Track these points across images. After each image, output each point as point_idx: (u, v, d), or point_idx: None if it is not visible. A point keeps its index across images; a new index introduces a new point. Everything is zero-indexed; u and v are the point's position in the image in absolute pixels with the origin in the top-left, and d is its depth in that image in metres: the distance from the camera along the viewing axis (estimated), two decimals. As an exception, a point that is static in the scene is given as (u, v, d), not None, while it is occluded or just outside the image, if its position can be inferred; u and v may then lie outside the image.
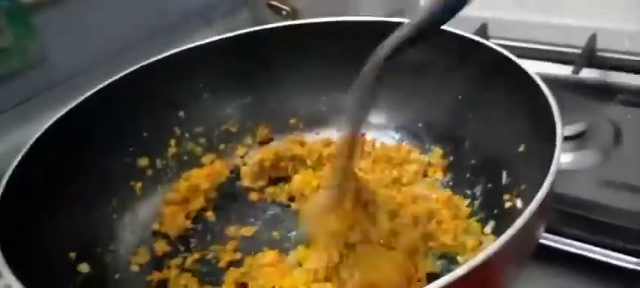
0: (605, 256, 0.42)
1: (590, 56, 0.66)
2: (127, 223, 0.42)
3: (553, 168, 0.30)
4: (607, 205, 0.46)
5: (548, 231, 0.43)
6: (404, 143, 0.46)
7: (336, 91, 0.49)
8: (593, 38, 0.67)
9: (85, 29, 0.62)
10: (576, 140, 0.54)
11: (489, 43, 0.42)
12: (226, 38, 0.48)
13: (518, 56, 0.40)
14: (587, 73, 0.64)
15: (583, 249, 0.42)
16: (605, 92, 0.60)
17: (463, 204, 0.40)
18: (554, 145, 0.31)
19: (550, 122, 0.33)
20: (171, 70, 0.47)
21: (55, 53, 0.60)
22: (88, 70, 0.63)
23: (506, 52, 0.40)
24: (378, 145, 0.46)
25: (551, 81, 0.37)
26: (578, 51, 0.66)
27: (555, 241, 0.43)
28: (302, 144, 0.48)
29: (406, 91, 0.47)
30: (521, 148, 0.38)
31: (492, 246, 0.25)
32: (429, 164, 0.44)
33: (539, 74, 0.37)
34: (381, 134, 0.48)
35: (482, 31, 0.72)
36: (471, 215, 0.39)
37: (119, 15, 0.65)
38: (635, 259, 0.41)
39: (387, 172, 0.43)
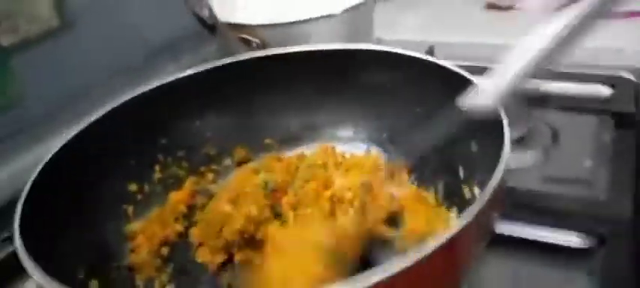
0: (552, 238, 0.48)
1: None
2: (125, 243, 0.45)
3: (505, 151, 0.35)
4: (550, 194, 0.52)
5: (503, 220, 0.49)
6: (371, 152, 0.51)
7: (305, 112, 0.55)
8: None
9: (59, 68, 0.64)
10: (520, 142, 0.61)
11: (440, 61, 0.47)
12: (204, 70, 0.52)
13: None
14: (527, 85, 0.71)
15: (533, 234, 0.48)
16: (541, 100, 0.67)
17: (430, 195, 0.45)
18: (502, 138, 0.36)
19: (498, 123, 0.38)
20: (153, 101, 0.50)
21: (32, 93, 0.63)
22: (63, 109, 0.65)
23: (455, 68, 0.45)
24: (348, 155, 0.51)
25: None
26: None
27: (509, 229, 0.48)
28: (279, 160, 0.52)
29: (370, 107, 0.53)
30: (474, 148, 0.44)
31: (459, 222, 0.30)
32: (394, 169, 0.49)
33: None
34: (351, 146, 0.53)
35: (431, 51, 0.78)
36: (437, 205, 0.45)
37: (91, 53, 0.66)
38: (576, 238, 0.47)
39: (359, 178, 0.48)
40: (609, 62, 0.73)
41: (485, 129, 0.40)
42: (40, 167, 0.40)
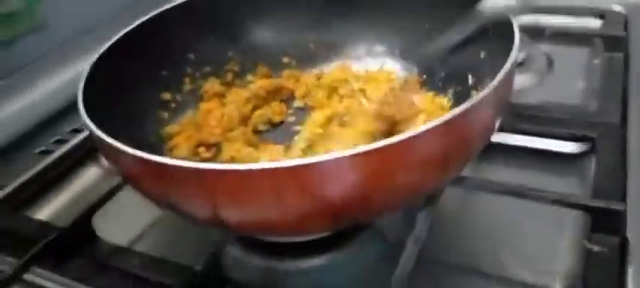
0: (547, 145, 0.53)
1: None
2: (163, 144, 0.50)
3: (515, 46, 0.39)
4: (545, 106, 0.56)
5: (503, 130, 0.54)
6: (385, 67, 0.55)
7: (320, 30, 0.58)
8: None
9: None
10: (519, 67, 0.65)
11: None
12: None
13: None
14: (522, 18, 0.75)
15: (530, 142, 0.53)
16: (537, 32, 0.72)
17: (444, 100, 0.49)
18: (509, 47, 0.39)
19: (509, 29, 0.41)
20: (178, 18, 0.53)
21: (56, 16, 0.66)
22: (87, 32, 0.68)
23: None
24: (362, 71, 0.55)
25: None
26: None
27: (508, 139, 0.53)
28: (297, 79, 0.57)
29: (381, 25, 0.56)
30: (483, 55, 0.47)
31: (472, 99, 0.32)
32: (407, 81, 0.53)
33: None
34: (365, 62, 0.56)
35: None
36: (451, 107, 0.49)
37: None
38: (569, 144, 0.52)
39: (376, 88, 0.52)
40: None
41: (494, 37, 0.44)
42: (85, 73, 0.43)
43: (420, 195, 0.39)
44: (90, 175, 0.56)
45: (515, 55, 0.37)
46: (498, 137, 0.53)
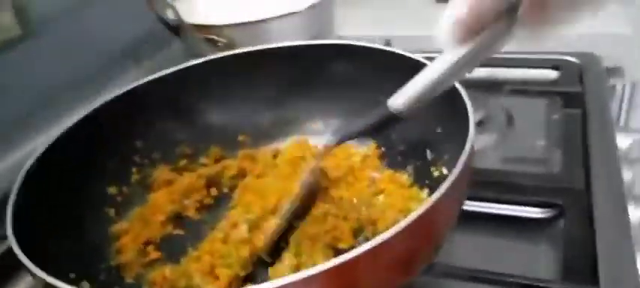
0: (514, 212, 0.52)
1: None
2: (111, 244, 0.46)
3: (471, 132, 0.37)
4: (509, 172, 0.56)
5: (469, 198, 0.52)
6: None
7: (275, 108, 0.57)
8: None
9: (22, 77, 0.63)
10: (478, 126, 0.64)
11: (399, 50, 0.50)
12: (173, 72, 0.53)
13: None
14: (478, 72, 0.75)
15: (496, 208, 0.52)
16: (495, 86, 0.72)
17: (403, 177, 0.48)
18: (467, 119, 0.39)
19: (462, 105, 0.41)
20: (124, 106, 0.50)
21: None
22: (29, 115, 0.64)
23: (417, 57, 0.47)
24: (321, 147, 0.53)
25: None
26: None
27: (473, 206, 0.52)
28: (253, 158, 0.54)
29: (337, 99, 0.55)
30: (439, 130, 0.46)
31: (435, 195, 0.32)
32: (367, 156, 0.52)
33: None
34: (322, 138, 0.55)
35: (388, 44, 0.82)
36: (411, 185, 0.48)
37: (53, 62, 0.65)
38: (535, 209, 0.51)
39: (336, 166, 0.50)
40: (553, 48, 0.77)
41: (449, 113, 0.43)
42: (23, 172, 0.40)
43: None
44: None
45: (471, 141, 0.36)
46: (465, 205, 0.52)
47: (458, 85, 0.43)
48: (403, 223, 0.30)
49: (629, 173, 0.57)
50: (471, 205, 0.52)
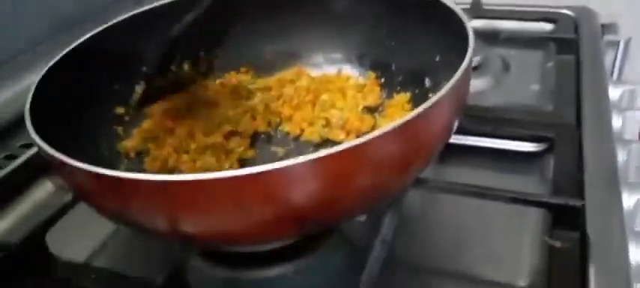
0: (506, 145, 0.54)
1: (477, 9, 0.79)
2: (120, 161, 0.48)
3: (471, 45, 0.39)
4: (503, 108, 0.58)
5: (464, 132, 0.54)
6: (342, 72, 0.55)
7: (277, 40, 0.57)
8: (479, -5, 0.80)
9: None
10: (474, 71, 0.66)
11: None
12: (172, 2, 0.54)
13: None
14: (475, 23, 0.77)
15: (489, 142, 0.54)
16: (492, 36, 0.73)
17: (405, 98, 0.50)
18: (466, 46, 0.40)
19: (463, 32, 0.41)
20: (127, 31, 0.51)
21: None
22: (38, 43, 0.66)
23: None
24: (320, 76, 0.55)
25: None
26: (468, 6, 0.79)
27: (467, 140, 0.54)
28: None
29: (337, 33, 0.56)
30: (438, 58, 0.47)
31: (431, 99, 0.32)
32: (365, 86, 0.53)
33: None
34: (322, 69, 0.56)
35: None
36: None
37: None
38: (527, 143, 0.53)
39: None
40: (550, 2, 0.79)
41: (448, 40, 0.45)
42: (34, 86, 0.41)
43: (383, 197, 0.38)
44: (42, 192, 0.54)
45: (469, 57, 0.38)
46: (459, 139, 0.54)
47: (458, 11, 0.44)
48: (399, 122, 0.31)
49: (618, 120, 0.59)
50: (464, 139, 0.54)
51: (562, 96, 0.59)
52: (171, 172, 0.46)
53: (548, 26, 0.75)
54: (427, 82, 0.49)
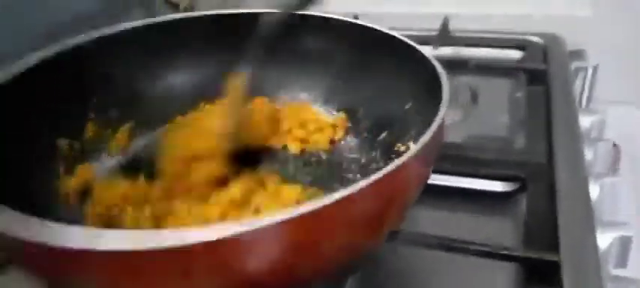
0: (476, 185, 0.51)
1: (444, 36, 0.77)
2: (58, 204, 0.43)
3: (444, 98, 0.37)
4: (473, 146, 0.55)
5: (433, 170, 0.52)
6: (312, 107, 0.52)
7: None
8: (446, 21, 0.78)
9: None
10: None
11: (371, 25, 0.49)
12: (137, 27, 0.50)
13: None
14: (444, 51, 0.75)
15: (459, 182, 0.52)
16: (460, 64, 0.71)
17: None
18: (440, 95, 0.38)
19: (436, 80, 0.39)
20: (81, 57, 0.47)
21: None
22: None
23: (392, 32, 0.47)
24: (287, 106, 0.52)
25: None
26: (435, 33, 0.77)
27: (436, 179, 0.51)
28: None
29: (304, 73, 0.54)
30: (408, 106, 0.45)
31: (403, 157, 0.30)
32: (334, 126, 0.51)
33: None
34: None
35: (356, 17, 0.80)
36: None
37: None
38: (497, 183, 0.51)
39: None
40: (518, 28, 0.78)
41: (421, 88, 0.42)
42: None
43: (351, 258, 0.35)
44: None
45: (443, 111, 0.35)
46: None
47: (432, 60, 0.42)
48: (371, 179, 0.28)
49: (589, 152, 0.58)
50: (433, 179, 0.51)
51: (532, 130, 0.57)
52: (112, 221, 0.42)
53: (517, 54, 0.74)
54: (396, 129, 0.47)
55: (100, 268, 0.27)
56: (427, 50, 0.43)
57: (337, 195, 0.27)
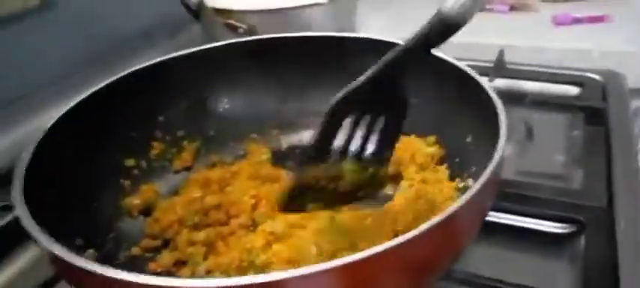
0: (533, 225, 0.50)
1: (500, 68, 0.76)
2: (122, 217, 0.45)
3: (502, 137, 0.36)
4: (529, 184, 0.55)
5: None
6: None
7: (298, 99, 0.56)
8: (501, 53, 0.77)
9: (28, 54, 0.62)
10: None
11: (445, 57, 0.48)
12: (202, 49, 0.52)
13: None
14: (499, 83, 0.74)
15: (515, 220, 0.51)
16: (515, 97, 0.71)
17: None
18: (498, 131, 0.37)
19: (494, 115, 0.39)
20: (149, 79, 0.50)
21: (9, 71, 0.60)
22: (41, 89, 0.63)
23: (456, 62, 0.47)
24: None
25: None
26: (491, 64, 0.76)
27: (492, 217, 0.51)
28: None
29: None
30: (469, 139, 0.45)
31: (460, 200, 0.30)
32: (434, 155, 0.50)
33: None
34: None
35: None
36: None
37: (68, 36, 0.65)
38: (554, 224, 0.50)
39: None
40: (576, 64, 0.77)
41: (481, 122, 0.42)
42: (39, 137, 0.39)
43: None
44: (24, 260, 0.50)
45: (500, 154, 0.35)
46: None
47: (491, 93, 0.42)
48: (425, 226, 0.29)
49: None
50: (488, 216, 0.51)
51: (591, 170, 0.56)
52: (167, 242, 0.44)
53: (574, 90, 0.73)
54: (458, 161, 0.47)
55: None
56: (484, 81, 0.43)
57: (390, 243, 0.27)
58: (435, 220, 0.29)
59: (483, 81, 0.44)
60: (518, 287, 0.42)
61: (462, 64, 0.46)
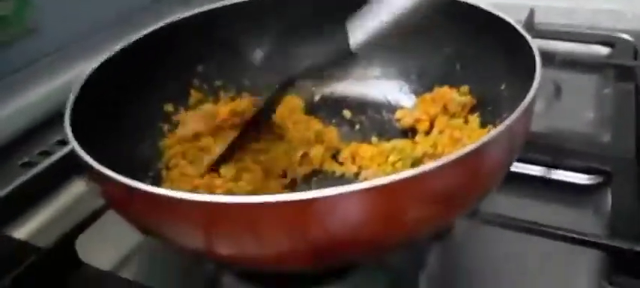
0: (560, 176, 0.50)
1: (530, 28, 0.75)
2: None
3: (535, 83, 0.36)
4: (557, 135, 0.55)
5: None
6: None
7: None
8: (531, 13, 0.76)
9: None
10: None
11: (482, 6, 0.48)
12: (230, 4, 0.53)
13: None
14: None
15: (542, 172, 0.51)
16: (546, 57, 0.70)
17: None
18: (533, 75, 0.38)
19: (530, 59, 0.39)
20: (188, 28, 0.51)
21: (48, 22, 0.63)
22: (78, 40, 0.65)
23: (491, 9, 0.46)
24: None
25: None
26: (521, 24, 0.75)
27: (519, 168, 0.51)
28: None
29: (400, 42, 0.52)
30: (503, 87, 0.46)
31: (491, 132, 0.31)
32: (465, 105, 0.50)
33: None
34: (379, 82, 0.55)
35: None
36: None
37: None
38: (583, 176, 0.50)
39: None
40: (607, 24, 0.75)
41: (516, 69, 0.42)
42: (82, 79, 0.41)
43: (430, 232, 0.36)
44: (75, 191, 0.53)
45: (533, 93, 0.35)
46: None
47: (529, 39, 0.41)
48: (453, 155, 0.29)
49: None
50: (514, 166, 0.51)
51: (620, 126, 0.56)
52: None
53: (604, 50, 0.72)
54: (490, 110, 0.47)
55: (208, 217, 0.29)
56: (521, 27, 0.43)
57: (426, 167, 0.28)
58: (464, 149, 0.29)
59: (519, 27, 0.43)
60: (546, 227, 0.42)
61: (500, 13, 0.46)
